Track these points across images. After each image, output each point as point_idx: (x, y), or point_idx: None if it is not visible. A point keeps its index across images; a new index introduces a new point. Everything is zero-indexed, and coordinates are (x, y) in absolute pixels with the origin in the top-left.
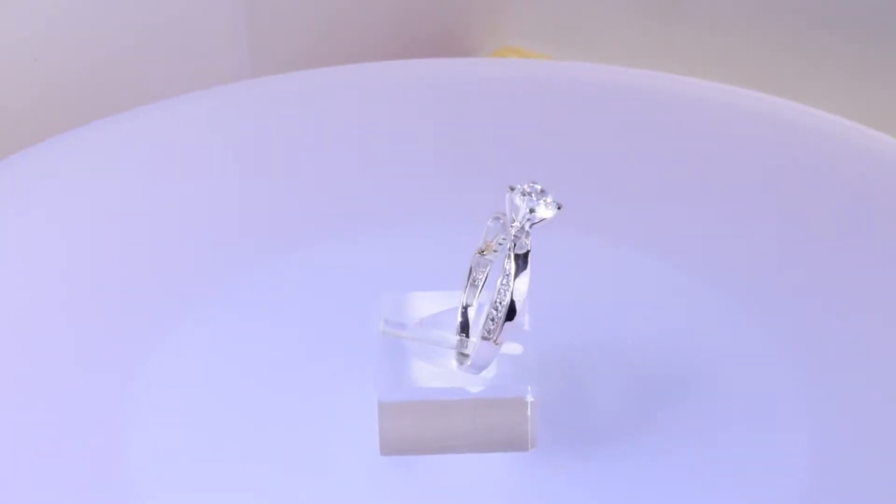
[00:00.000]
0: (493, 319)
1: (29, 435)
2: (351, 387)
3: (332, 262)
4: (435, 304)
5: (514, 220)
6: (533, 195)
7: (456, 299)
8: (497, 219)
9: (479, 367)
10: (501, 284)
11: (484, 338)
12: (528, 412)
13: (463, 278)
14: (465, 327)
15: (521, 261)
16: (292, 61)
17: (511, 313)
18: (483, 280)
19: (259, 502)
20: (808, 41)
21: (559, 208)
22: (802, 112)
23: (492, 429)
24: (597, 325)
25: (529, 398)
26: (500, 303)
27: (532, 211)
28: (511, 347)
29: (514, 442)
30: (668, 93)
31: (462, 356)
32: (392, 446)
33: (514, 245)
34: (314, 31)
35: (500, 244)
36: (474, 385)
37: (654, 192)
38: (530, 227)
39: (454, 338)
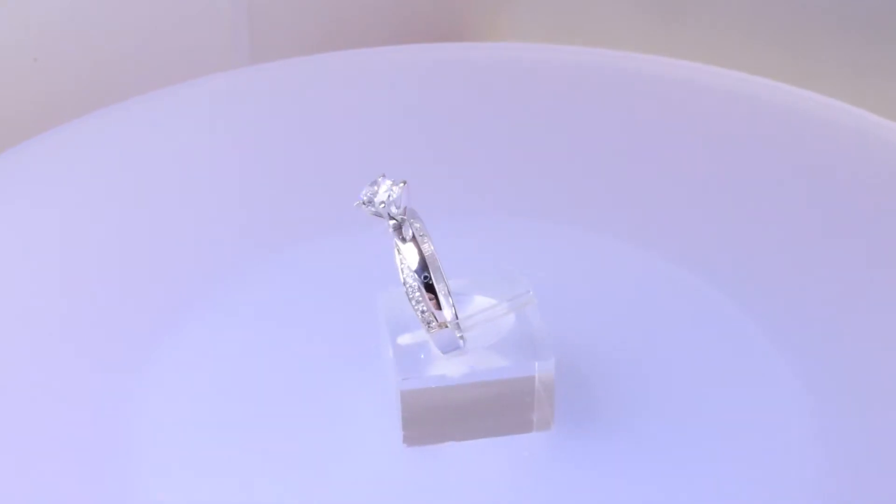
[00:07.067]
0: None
1: (30, 433)
2: (357, 383)
3: (335, 258)
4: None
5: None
6: (378, 198)
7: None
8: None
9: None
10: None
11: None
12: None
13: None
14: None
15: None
16: None
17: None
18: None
19: (264, 501)
20: (810, 39)
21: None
22: (804, 97)
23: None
24: (597, 323)
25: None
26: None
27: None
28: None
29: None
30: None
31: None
32: (415, 437)
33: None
34: (314, 36)
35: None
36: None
37: (653, 185)
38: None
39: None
